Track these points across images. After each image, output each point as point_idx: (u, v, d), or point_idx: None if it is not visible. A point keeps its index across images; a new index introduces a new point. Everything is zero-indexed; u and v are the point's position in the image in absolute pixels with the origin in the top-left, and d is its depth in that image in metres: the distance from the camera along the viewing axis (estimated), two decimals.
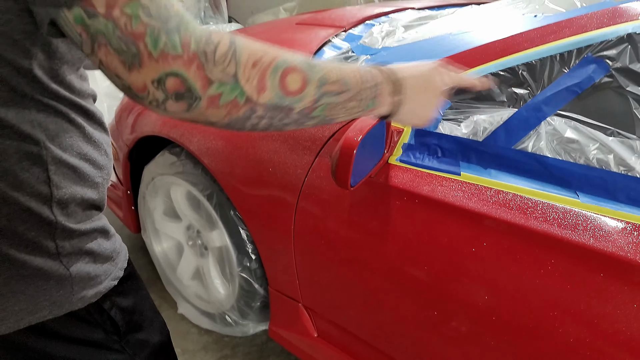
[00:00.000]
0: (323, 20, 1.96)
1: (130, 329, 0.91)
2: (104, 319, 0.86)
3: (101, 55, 0.58)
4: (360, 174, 1.05)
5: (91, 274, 0.80)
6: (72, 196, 0.76)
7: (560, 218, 0.92)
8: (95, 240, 0.81)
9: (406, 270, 1.11)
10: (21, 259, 0.72)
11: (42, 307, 0.75)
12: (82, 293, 0.79)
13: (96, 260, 0.81)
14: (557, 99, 0.99)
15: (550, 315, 0.93)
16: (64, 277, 0.76)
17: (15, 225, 0.71)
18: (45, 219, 0.73)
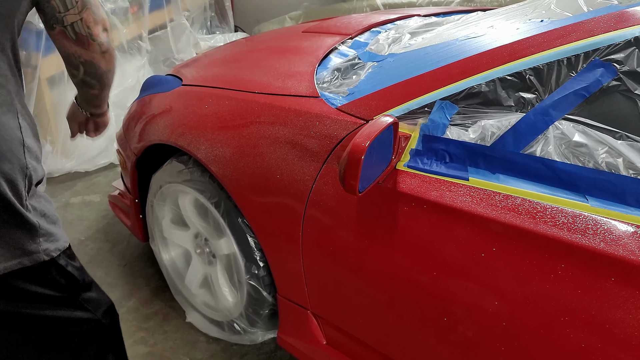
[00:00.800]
0: (329, 28, 1.97)
1: (85, 287, 1.12)
2: (62, 275, 1.04)
3: None
4: (368, 180, 1.05)
5: (50, 230, 0.99)
6: (33, 148, 0.97)
7: (570, 222, 0.92)
8: (47, 203, 1.02)
9: (415, 276, 1.11)
10: (6, 202, 0.89)
11: (15, 254, 0.93)
12: (46, 245, 0.98)
13: (50, 221, 1.01)
14: (565, 103, 0.99)
15: (561, 320, 0.92)
16: (33, 228, 0.95)
17: (4, 164, 0.89)
18: (21, 162, 0.93)
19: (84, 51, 1.05)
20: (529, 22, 1.22)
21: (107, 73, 1.14)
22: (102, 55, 1.08)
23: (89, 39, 1.04)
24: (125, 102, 3.08)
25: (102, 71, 1.12)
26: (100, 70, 1.12)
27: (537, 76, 1.04)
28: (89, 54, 1.06)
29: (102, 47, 1.07)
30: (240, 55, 1.97)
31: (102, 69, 1.12)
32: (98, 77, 1.13)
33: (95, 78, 1.13)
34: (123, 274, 2.19)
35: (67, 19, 1.00)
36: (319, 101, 1.34)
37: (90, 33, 1.03)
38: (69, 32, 1.02)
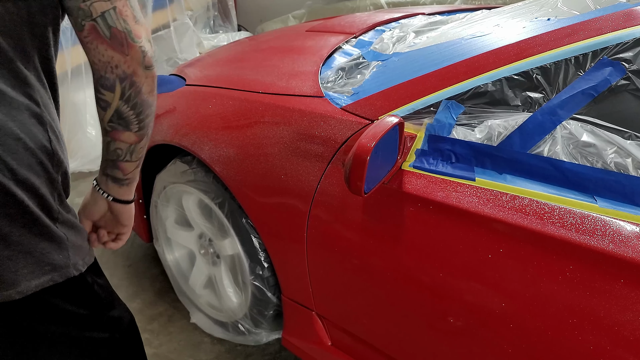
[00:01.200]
0: (333, 27, 1.96)
1: (109, 306, 1.03)
2: (88, 293, 0.96)
3: None
4: (373, 181, 1.04)
5: (77, 243, 0.91)
6: (61, 161, 0.87)
7: (578, 223, 0.91)
8: (75, 216, 0.93)
9: (421, 277, 1.10)
10: (35, 215, 0.82)
11: (45, 271, 0.85)
12: (75, 259, 0.89)
13: (78, 233, 0.92)
14: (572, 102, 0.98)
15: (569, 322, 0.91)
16: (62, 241, 0.87)
17: (32, 177, 0.81)
18: (51, 175, 0.84)
19: (122, 57, 0.81)
20: (535, 20, 1.21)
21: (148, 106, 0.87)
22: (145, 72, 0.83)
23: (128, 38, 0.80)
24: None
25: (144, 99, 0.85)
26: (142, 97, 0.85)
27: (545, 75, 1.03)
28: (130, 63, 0.81)
29: (145, 57, 0.82)
30: (243, 54, 1.96)
31: (145, 94, 0.85)
32: (138, 109, 0.86)
33: (134, 109, 0.86)
34: (128, 275, 2.19)
35: (95, 7, 0.78)
36: (324, 101, 1.33)
37: (128, 30, 0.80)
38: (100, 26, 0.79)
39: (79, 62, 2.92)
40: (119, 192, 0.98)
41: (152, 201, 1.88)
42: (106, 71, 0.82)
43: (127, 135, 0.88)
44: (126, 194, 1.00)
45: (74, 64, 2.89)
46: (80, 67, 2.93)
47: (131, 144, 0.90)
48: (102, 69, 0.82)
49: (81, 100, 2.95)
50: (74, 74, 2.90)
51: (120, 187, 0.98)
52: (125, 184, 0.98)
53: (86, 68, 2.96)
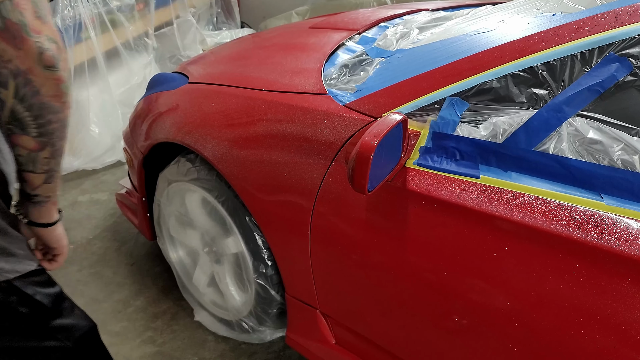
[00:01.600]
0: (336, 24, 1.95)
1: (56, 314, 0.97)
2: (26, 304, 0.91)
3: None
4: (377, 179, 1.03)
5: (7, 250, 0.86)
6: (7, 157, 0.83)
7: (584, 221, 0.90)
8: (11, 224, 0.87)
9: (425, 276, 1.09)
10: None
11: None
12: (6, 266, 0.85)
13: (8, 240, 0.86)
14: (578, 99, 0.97)
15: (575, 321, 0.90)
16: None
17: None
18: None
19: (15, 51, 0.73)
20: (540, 15, 1.19)
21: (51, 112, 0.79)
22: (45, 72, 0.75)
23: (22, 31, 0.72)
24: (132, 100, 3.09)
25: (43, 101, 0.77)
26: (41, 99, 0.77)
27: (550, 72, 1.02)
28: (24, 59, 0.73)
29: (44, 54, 0.74)
30: (246, 52, 1.95)
31: (45, 97, 0.77)
32: (36, 111, 0.78)
33: (30, 110, 0.77)
34: (131, 273, 2.19)
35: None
36: (327, 98, 1.32)
37: (24, 23, 0.72)
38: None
39: (82, 60, 2.92)
40: (33, 213, 0.92)
41: (155, 199, 1.87)
42: None
43: (25, 140, 0.82)
44: (41, 215, 0.93)
45: (77, 62, 2.89)
46: (83, 65, 2.93)
47: (31, 150, 0.83)
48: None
49: (84, 99, 2.95)
50: (77, 72, 2.90)
51: (34, 206, 0.91)
52: (37, 202, 0.91)
53: (89, 66, 2.97)
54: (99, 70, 3.02)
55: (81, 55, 2.92)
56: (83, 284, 2.13)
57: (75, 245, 2.37)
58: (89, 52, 2.95)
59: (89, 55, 2.96)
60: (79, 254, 2.31)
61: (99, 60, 3.00)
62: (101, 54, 3.01)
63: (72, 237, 2.42)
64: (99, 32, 2.99)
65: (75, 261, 2.26)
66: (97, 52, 2.98)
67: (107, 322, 1.92)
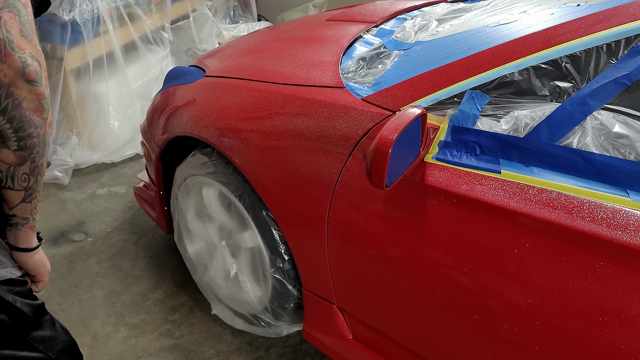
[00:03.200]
0: (354, 16, 1.93)
1: (37, 325, 0.95)
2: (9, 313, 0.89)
3: None
4: (395, 174, 1.01)
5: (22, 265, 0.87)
6: None
7: (609, 218, 0.87)
8: None
9: (444, 271, 1.08)
10: None
11: None
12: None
13: None
14: (604, 91, 0.94)
15: (599, 320, 0.88)
16: None
17: None
18: None
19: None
20: (564, 6, 1.16)
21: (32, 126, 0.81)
22: (27, 85, 0.79)
23: (8, 46, 0.76)
24: (150, 93, 3.10)
25: (24, 114, 0.80)
26: (22, 112, 0.79)
27: (574, 64, 0.99)
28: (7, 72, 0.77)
29: (26, 69, 0.78)
30: (263, 45, 1.94)
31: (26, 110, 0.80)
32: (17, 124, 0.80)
33: (11, 122, 0.79)
34: (149, 266, 2.20)
35: None
36: (344, 92, 1.30)
37: (10, 39, 0.77)
38: None
39: (101, 54, 2.93)
40: (9, 237, 0.90)
41: (172, 193, 1.88)
42: None
43: (4, 153, 0.82)
44: (18, 240, 0.91)
45: (95, 55, 2.91)
46: (101, 58, 2.94)
47: (10, 164, 0.83)
48: None
49: (103, 92, 2.96)
50: (96, 65, 2.92)
51: (10, 229, 0.90)
52: (14, 224, 0.89)
53: (108, 60, 2.98)
54: (117, 63, 3.03)
55: (99, 49, 2.93)
56: (102, 277, 2.15)
57: (94, 238, 2.39)
58: (107, 45, 2.97)
59: (107, 49, 2.97)
60: (97, 247, 2.33)
61: (117, 53, 3.01)
62: (119, 47, 3.02)
63: (91, 230, 2.44)
64: (116, 25, 3.00)
65: (94, 254, 2.28)
66: (115, 45, 2.99)
67: (125, 315, 1.94)
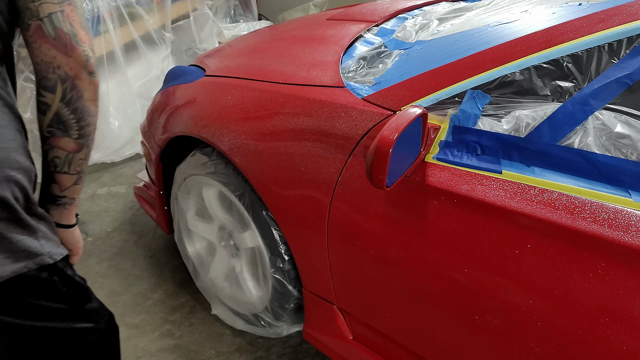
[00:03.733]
0: (354, 15, 1.92)
1: (88, 298, 1.03)
2: (66, 284, 0.94)
3: None
4: (396, 174, 1.01)
5: (49, 234, 0.90)
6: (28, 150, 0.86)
7: (611, 219, 0.87)
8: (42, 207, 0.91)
9: (445, 272, 1.07)
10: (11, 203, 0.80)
11: (20, 258, 0.83)
12: (48, 248, 0.88)
13: (49, 225, 0.91)
14: (605, 91, 0.93)
15: (601, 322, 0.87)
16: (34, 230, 0.86)
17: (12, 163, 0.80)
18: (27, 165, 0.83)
19: (65, 59, 0.83)
20: (566, 5, 1.16)
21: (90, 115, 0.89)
22: (89, 77, 0.86)
23: (73, 40, 0.83)
24: (150, 92, 3.09)
25: (85, 105, 0.87)
26: (84, 103, 0.87)
27: (576, 63, 0.98)
28: (73, 65, 0.84)
29: (89, 62, 0.85)
30: (263, 44, 1.93)
31: (86, 101, 0.87)
32: (79, 114, 0.87)
33: (75, 113, 0.86)
34: (149, 266, 2.20)
35: (43, 8, 0.82)
36: (345, 91, 1.30)
37: (74, 32, 0.83)
38: (46, 26, 0.81)
39: (101, 54, 2.93)
40: (54, 215, 0.97)
41: (172, 193, 1.87)
42: (48, 71, 0.83)
43: (65, 141, 0.89)
44: (63, 217, 0.98)
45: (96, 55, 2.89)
46: (102, 58, 2.94)
47: (69, 152, 0.90)
48: (45, 69, 0.83)
49: (104, 92, 2.96)
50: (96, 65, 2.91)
51: (57, 209, 0.97)
52: (62, 203, 0.97)
53: (108, 59, 2.97)
54: (117, 63, 3.03)
55: (100, 48, 2.93)
56: (102, 277, 2.15)
57: (94, 237, 2.39)
58: (108, 45, 2.96)
59: (107, 49, 2.97)
60: (97, 247, 2.32)
61: (118, 53, 3.01)
62: (119, 47, 3.02)
63: (91, 230, 2.44)
64: (117, 25, 3.00)
65: (94, 254, 2.28)
66: (115, 45, 2.99)
67: (126, 315, 1.93)
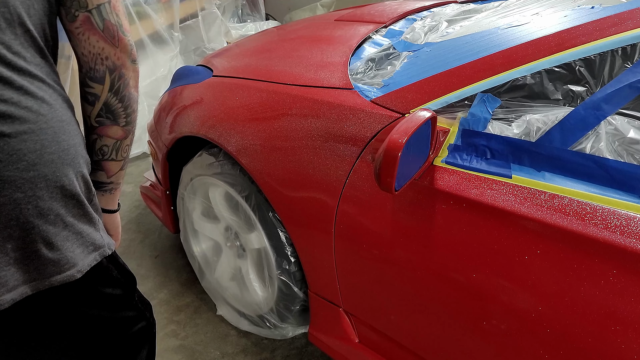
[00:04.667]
0: (362, 16, 1.91)
1: (136, 286, 1.06)
2: (120, 272, 0.99)
3: None
4: (404, 178, 1.00)
5: (102, 224, 0.93)
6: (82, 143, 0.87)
7: (623, 225, 0.85)
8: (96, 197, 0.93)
9: (452, 277, 1.06)
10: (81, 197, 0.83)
11: (90, 250, 0.86)
12: (107, 239, 0.91)
13: (100, 215, 0.93)
14: (619, 96, 0.92)
15: (612, 330, 0.86)
16: (97, 222, 0.89)
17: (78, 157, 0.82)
18: (86, 158, 0.86)
19: (113, 50, 0.85)
20: (578, 8, 1.14)
21: (135, 99, 0.91)
22: (132, 65, 0.88)
23: (119, 30, 0.85)
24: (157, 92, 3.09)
25: (131, 92, 0.90)
26: (129, 90, 0.89)
27: (588, 67, 0.97)
28: (120, 56, 0.86)
29: (132, 50, 0.87)
30: (271, 45, 1.93)
31: (131, 88, 0.90)
32: (126, 102, 0.90)
33: (122, 102, 0.89)
34: (155, 265, 2.19)
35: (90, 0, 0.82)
36: (353, 93, 1.29)
37: (120, 23, 0.84)
38: (95, 17, 0.82)
39: None
40: (101, 200, 0.99)
41: (179, 193, 1.87)
42: (96, 63, 0.85)
43: (114, 129, 0.92)
44: (109, 202, 1.01)
45: None
46: None
47: (118, 139, 0.93)
48: (92, 60, 0.85)
49: None
50: None
51: (103, 195, 1.00)
52: (109, 189, 1.00)
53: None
54: None
55: None
56: None
57: None
58: None
59: None
60: None
61: None
62: None
63: None
64: None
65: None
66: None
67: None
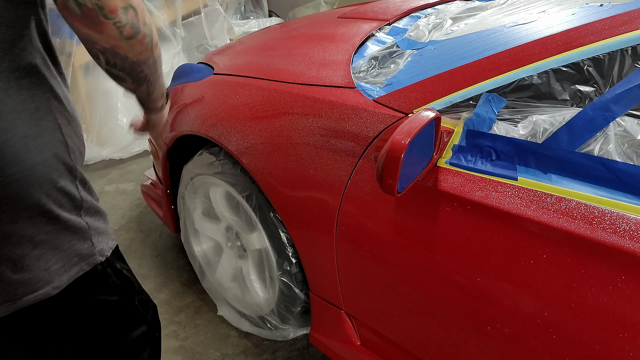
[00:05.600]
0: (366, 14, 1.89)
1: (138, 290, 1.07)
2: (119, 277, 0.99)
3: None
4: (407, 179, 0.98)
5: (100, 229, 0.93)
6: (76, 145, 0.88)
7: (632, 229, 0.83)
8: (93, 198, 0.94)
9: (456, 280, 1.04)
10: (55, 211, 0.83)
11: (74, 262, 0.87)
12: (100, 246, 0.92)
13: (101, 218, 0.95)
14: (628, 97, 0.90)
15: (620, 337, 0.84)
16: (84, 230, 0.89)
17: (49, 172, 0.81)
18: (67, 164, 0.85)
19: (97, 35, 0.78)
20: (586, 6, 1.12)
21: (140, 65, 0.87)
22: (128, 41, 0.81)
23: (100, 15, 0.76)
24: None
25: (131, 62, 0.85)
26: (129, 61, 0.85)
27: (597, 67, 0.95)
28: (107, 40, 0.79)
29: (123, 30, 0.78)
30: (273, 42, 1.91)
31: (131, 59, 0.84)
32: (127, 70, 0.86)
33: (123, 70, 0.86)
34: (156, 265, 2.18)
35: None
36: (355, 92, 1.27)
37: (99, 6, 0.75)
38: (70, 3, 0.75)
39: None
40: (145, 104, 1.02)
41: (179, 192, 1.85)
42: (88, 45, 0.81)
43: (124, 85, 0.91)
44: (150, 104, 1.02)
45: None
46: None
47: (131, 90, 0.93)
48: (84, 43, 0.81)
49: (112, 88, 2.95)
50: None
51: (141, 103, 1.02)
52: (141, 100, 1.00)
53: None
54: None
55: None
56: None
57: None
58: None
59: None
60: None
61: None
62: None
63: None
64: None
65: None
66: None
67: None
